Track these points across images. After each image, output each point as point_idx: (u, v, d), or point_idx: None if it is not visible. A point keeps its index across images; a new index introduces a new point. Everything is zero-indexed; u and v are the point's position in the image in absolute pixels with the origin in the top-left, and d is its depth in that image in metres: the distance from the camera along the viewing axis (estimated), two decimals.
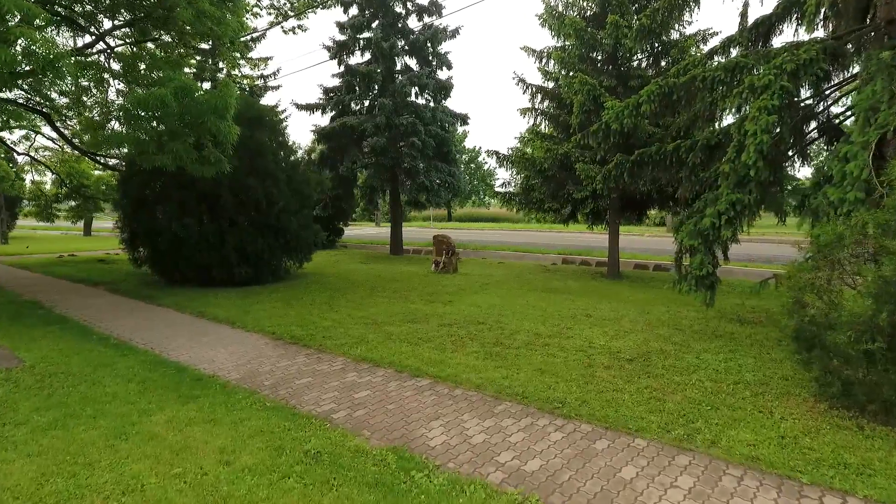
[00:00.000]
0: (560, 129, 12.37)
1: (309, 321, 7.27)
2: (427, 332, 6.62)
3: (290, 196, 10.68)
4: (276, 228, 10.43)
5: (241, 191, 9.91)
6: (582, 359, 5.55)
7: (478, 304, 8.59)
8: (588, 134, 8.06)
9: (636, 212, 13.32)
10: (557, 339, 6.36)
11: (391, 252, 17.68)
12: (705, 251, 6.47)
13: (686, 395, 4.53)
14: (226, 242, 9.89)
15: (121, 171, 11.01)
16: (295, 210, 10.87)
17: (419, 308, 8.21)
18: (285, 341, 6.34)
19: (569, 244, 20.39)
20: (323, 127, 16.02)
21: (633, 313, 7.90)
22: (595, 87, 10.12)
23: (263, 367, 5.35)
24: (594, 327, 6.97)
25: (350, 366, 5.37)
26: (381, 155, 15.43)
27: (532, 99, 12.32)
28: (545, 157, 11.09)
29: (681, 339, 6.39)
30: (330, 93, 17.37)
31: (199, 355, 5.75)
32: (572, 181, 11.22)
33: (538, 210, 12.78)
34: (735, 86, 6.75)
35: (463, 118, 17.33)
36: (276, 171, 10.27)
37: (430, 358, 5.52)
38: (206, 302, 8.70)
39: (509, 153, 12.68)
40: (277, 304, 8.52)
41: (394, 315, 7.70)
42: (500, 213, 55.73)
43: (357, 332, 6.63)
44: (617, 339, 6.34)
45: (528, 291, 9.94)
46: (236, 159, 9.80)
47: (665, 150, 7.87)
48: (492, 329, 6.82)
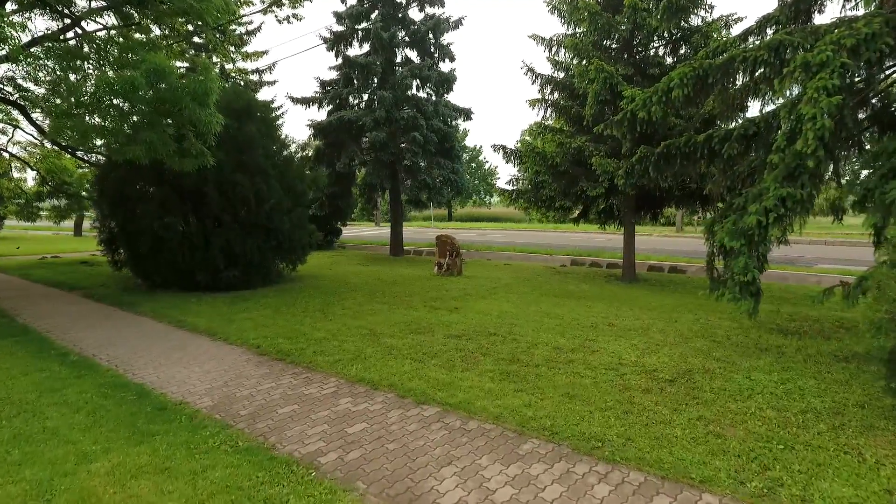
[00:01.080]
0: (571, 122, 11.58)
1: (299, 332, 6.47)
2: (432, 346, 5.82)
3: (283, 193, 9.88)
4: (266, 228, 9.64)
5: (228, 187, 9.12)
6: (614, 379, 4.76)
7: (487, 311, 7.80)
8: (610, 124, 7.28)
9: (651, 211, 12.54)
10: (581, 353, 5.57)
11: (391, 253, 16.89)
12: (749, 253, 5.67)
13: (749, 428, 3.74)
14: (211, 244, 9.10)
15: (99, 166, 10.21)
16: (287, 208, 10.08)
17: (422, 316, 7.42)
18: (271, 357, 5.54)
19: (576, 244, 19.60)
20: (319, 121, 15.22)
21: (659, 322, 7.11)
22: (612, 75, 9.33)
23: (242, 390, 4.55)
24: (620, 339, 6.18)
25: (344, 388, 4.58)
26: (380, 150, 14.64)
27: (542, 90, 11.53)
28: (557, 151, 10.30)
29: (722, 353, 5.60)
30: (327, 86, 16.57)
31: (169, 375, 4.95)
32: (586, 177, 10.43)
33: (548, 209, 11.99)
34: (781, 66, 5.96)
35: (466, 113, 16.53)
36: (266, 166, 9.48)
37: (436, 379, 4.73)
38: (188, 309, 7.90)
39: (517, 148, 11.90)
40: (266, 312, 7.72)
41: (394, 324, 6.91)
42: (500, 212, 54.95)
43: (353, 346, 5.84)
44: (649, 354, 5.55)
45: (541, 296, 9.15)
46: (223, 153, 9.01)
47: (695, 140, 7.08)
48: (505, 342, 6.03)
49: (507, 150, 11.80)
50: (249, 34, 23.09)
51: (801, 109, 5.18)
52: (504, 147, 11.82)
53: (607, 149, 10.32)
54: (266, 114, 9.91)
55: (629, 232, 11.31)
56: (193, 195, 9.16)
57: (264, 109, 9.92)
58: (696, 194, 10.28)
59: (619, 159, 9.67)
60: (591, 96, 9.70)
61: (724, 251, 6.97)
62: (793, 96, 5.77)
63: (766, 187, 5.62)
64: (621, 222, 12.57)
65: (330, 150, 15.36)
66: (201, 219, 9.17)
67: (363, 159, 15.15)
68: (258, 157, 9.38)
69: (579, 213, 12.90)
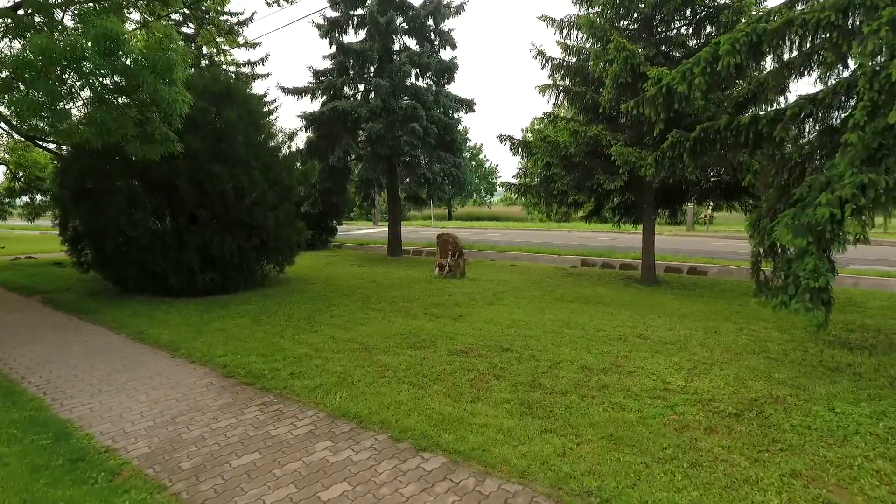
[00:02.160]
0: (585, 110, 10.57)
1: (278, 347, 5.48)
2: (435, 365, 4.84)
3: (267, 187, 8.89)
4: (248, 226, 8.64)
5: (205, 180, 8.12)
6: (664, 412, 3.78)
7: (496, 319, 6.81)
8: (641, 101, 6.29)
9: (670, 207, 11.57)
10: (615, 375, 4.59)
11: (389, 253, 15.89)
12: (818, 253, 4.69)
13: (865, 491, 2.76)
14: (185, 243, 8.11)
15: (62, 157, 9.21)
16: (273, 204, 9.08)
17: (423, 326, 6.43)
18: (238, 381, 4.55)
19: (583, 244, 18.61)
20: (311, 112, 14.22)
21: (698, 333, 6.13)
22: (634, 54, 8.35)
23: (192, 429, 3.57)
24: (657, 355, 5.20)
25: (323, 426, 3.59)
26: (377, 143, 13.63)
27: (552, 74, 10.54)
28: (571, 140, 9.31)
29: (786, 375, 4.62)
30: (320, 76, 15.56)
31: (106, 407, 3.96)
32: (602, 169, 9.44)
33: (560, 204, 11.00)
34: (851, 29, 4.99)
35: (468, 104, 15.52)
36: (248, 156, 8.48)
37: (440, 413, 3.74)
38: (154, 318, 6.90)
39: (525, 138, 10.92)
40: (243, 322, 6.73)
41: (390, 336, 5.92)
42: (501, 211, 53.95)
43: (339, 366, 4.84)
44: (698, 376, 4.57)
45: (555, 302, 8.16)
46: (198, 141, 8.03)
47: (739, 123, 6.09)
48: (522, 359, 5.04)
49: (514, 140, 10.82)
50: (241, 24, 22.21)
51: (891, 73, 4.20)
52: (511, 137, 10.84)
53: (626, 138, 9.33)
54: (248, 99, 8.91)
55: (648, 230, 10.32)
56: (166, 189, 8.16)
57: (246, 94, 8.93)
58: (726, 187, 9.30)
59: (640, 149, 8.67)
60: (610, 79, 8.72)
61: (773, 251, 6.03)
62: (870, 66, 4.79)
63: (839, 174, 4.64)
64: (637, 219, 11.61)
65: (323, 142, 14.36)
66: (175, 215, 8.18)
67: (359, 153, 14.15)
68: (238, 146, 8.38)
69: (592, 210, 11.92)
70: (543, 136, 9.29)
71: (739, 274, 11.38)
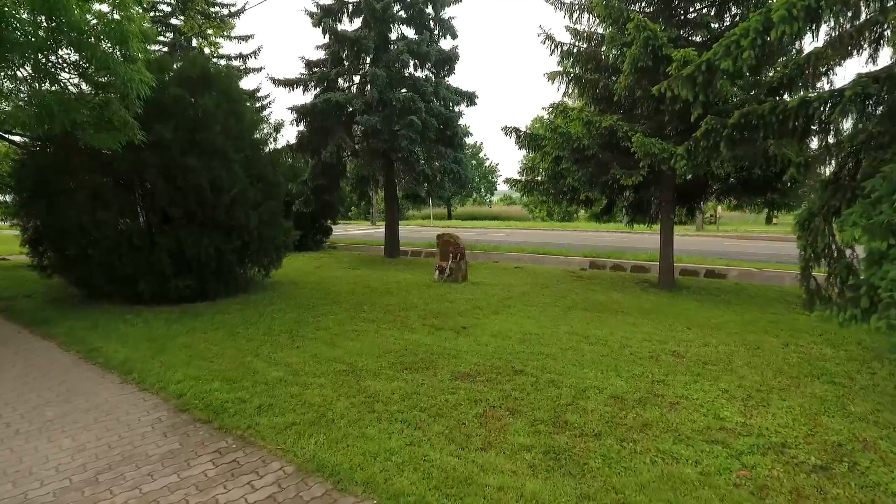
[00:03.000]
0: (597, 100, 9.70)
1: (249, 369, 4.63)
2: (434, 395, 3.99)
3: (249, 183, 8.04)
4: (227, 226, 7.79)
5: (179, 174, 7.28)
6: (729, 465, 2.94)
7: (504, 332, 5.97)
8: (678, 80, 5.43)
9: (689, 204, 10.73)
10: (655, 407, 3.75)
11: (386, 254, 15.04)
12: None
13: None
14: (156, 244, 7.25)
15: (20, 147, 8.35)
16: (256, 202, 8.23)
17: (421, 341, 5.58)
18: (193, 416, 3.70)
19: (589, 244, 17.77)
20: (303, 104, 13.36)
21: (739, 350, 5.29)
22: (656, 35, 7.51)
23: (116, 494, 2.72)
24: (700, 379, 4.36)
25: (289, 489, 2.75)
26: (373, 138, 12.78)
27: (562, 61, 9.69)
28: (584, 131, 8.46)
29: (864, 408, 3.78)
30: (313, 67, 14.71)
31: (15, 458, 3.12)
32: (618, 163, 8.59)
33: (571, 202, 10.16)
34: None
35: (470, 97, 14.67)
36: (227, 148, 7.63)
37: (443, 467, 2.90)
38: (113, 331, 6.05)
39: (532, 130, 10.08)
40: (216, 335, 5.88)
41: (382, 354, 5.08)
42: (501, 210, 53.17)
43: (319, 395, 4.00)
44: (757, 409, 3.73)
45: (568, 310, 7.32)
46: (170, 131, 7.18)
47: (786, 107, 5.25)
48: (539, 385, 4.20)
49: (520, 132, 9.98)
50: (232, 16, 21.34)
51: None
52: (517, 129, 10.00)
53: (644, 129, 8.48)
54: (228, 86, 8.05)
55: (666, 230, 9.48)
56: (135, 184, 7.31)
57: (226, 80, 8.06)
58: (753, 181, 8.45)
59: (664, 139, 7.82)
60: (628, 63, 7.89)
61: (828, 255, 5.20)
62: None
63: None
64: (652, 219, 10.79)
65: (315, 136, 13.50)
66: (144, 213, 7.33)
67: (353, 148, 13.29)
68: (216, 136, 7.52)
69: (603, 208, 11.09)
70: (554, 127, 8.44)
71: (762, 277, 10.55)
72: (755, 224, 26.24)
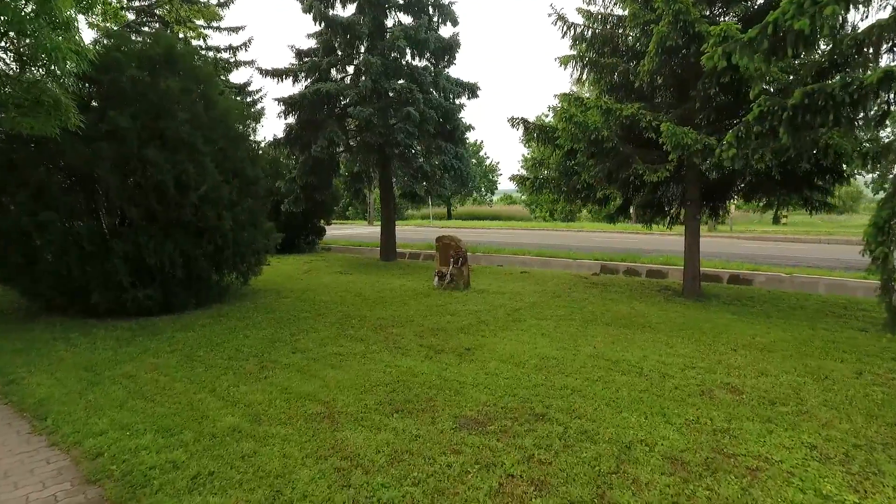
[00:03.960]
0: (613, 89, 8.70)
1: (196, 413, 3.65)
2: (433, 455, 3.01)
3: (223, 180, 7.06)
4: (197, 228, 6.81)
5: (139, 169, 6.29)
6: None
7: (516, 355, 4.99)
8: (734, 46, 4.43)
9: (711, 203, 9.74)
10: (731, 478, 2.77)
11: (382, 257, 14.05)
12: None
13: None
14: (111, 249, 6.27)
15: None
16: (231, 201, 7.25)
17: (416, 369, 4.60)
18: (102, 493, 2.72)
19: (596, 245, 16.81)
20: (291, 95, 12.36)
21: (807, 382, 4.30)
22: (687, 8, 6.53)
23: None
24: (776, 428, 3.38)
25: None
26: (366, 131, 11.79)
27: (576, 44, 8.71)
28: (603, 121, 7.47)
29: None
30: (304, 56, 13.71)
31: None
32: (641, 157, 7.61)
33: (585, 200, 9.18)
34: None
35: (471, 88, 13.67)
36: (194, 139, 6.63)
37: None
38: (46, 355, 5.06)
39: (541, 122, 9.10)
40: (169, 360, 4.90)
41: (368, 389, 4.10)
42: (502, 210, 52.12)
43: (278, 457, 3.01)
44: (870, 481, 2.76)
45: (587, 325, 6.34)
46: (128, 118, 6.20)
47: (863, 83, 4.27)
48: (568, 438, 3.22)
49: (528, 124, 8.99)
50: (221, 5, 20.32)
51: None
52: (525, 120, 9.01)
53: (671, 117, 7.50)
54: (197, 67, 7.05)
55: (692, 231, 8.50)
56: (85, 180, 6.33)
57: (195, 61, 7.06)
58: (796, 176, 7.47)
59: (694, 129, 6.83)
60: (655, 42, 6.92)
61: None
62: None
63: None
64: (673, 218, 9.81)
65: (304, 130, 12.51)
66: (97, 213, 6.35)
67: (346, 143, 12.27)
68: (182, 126, 6.53)
69: (618, 208, 10.09)
70: (569, 116, 7.45)
71: (793, 284, 9.57)
72: (760, 224, 25.27)
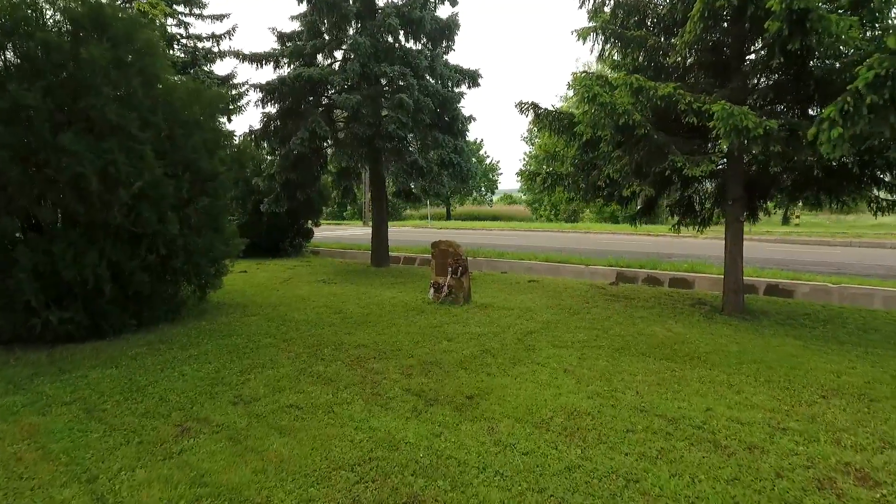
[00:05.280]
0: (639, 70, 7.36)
1: None
2: None
3: (166, 173, 5.72)
4: (132, 233, 5.47)
5: (52, 158, 4.95)
6: None
7: (536, 409, 3.66)
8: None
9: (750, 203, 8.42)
10: None
11: (373, 262, 12.71)
12: None
13: None
14: (15, 262, 4.93)
15: None
16: (181, 199, 5.92)
17: (397, 436, 3.27)
18: None
19: (606, 249, 15.49)
20: (269, 81, 11.02)
21: None
22: None
23: None
24: None
25: None
26: (354, 121, 10.45)
27: (596, 14, 7.38)
28: (635, 102, 6.14)
29: None
30: (287, 40, 12.37)
31: None
32: (678, 146, 6.27)
33: (609, 199, 7.84)
34: None
35: (472, 76, 12.32)
36: (127, 123, 5.29)
37: None
38: None
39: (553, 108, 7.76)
40: (59, 419, 3.55)
41: (324, 476, 2.77)
42: (502, 210, 50.82)
43: None
44: None
45: (619, 355, 5.01)
46: (38, 95, 4.86)
47: None
48: None
49: (539, 109, 7.66)
50: None
51: None
52: (535, 106, 7.68)
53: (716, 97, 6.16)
54: (134, 31, 5.68)
55: (735, 235, 7.18)
56: None
57: (132, 27, 5.70)
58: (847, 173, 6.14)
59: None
60: (700, 5, 5.58)
61: None
62: None
63: None
64: (705, 219, 8.49)
65: (284, 121, 11.17)
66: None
67: (331, 134, 10.90)
68: (109, 105, 5.18)
69: (642, 208, 8.78)
70: (592, 96, 6.11)
71: (842, 296, 8.26)
72: (768, 225, 23.86)
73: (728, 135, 5.19)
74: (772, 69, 6.02)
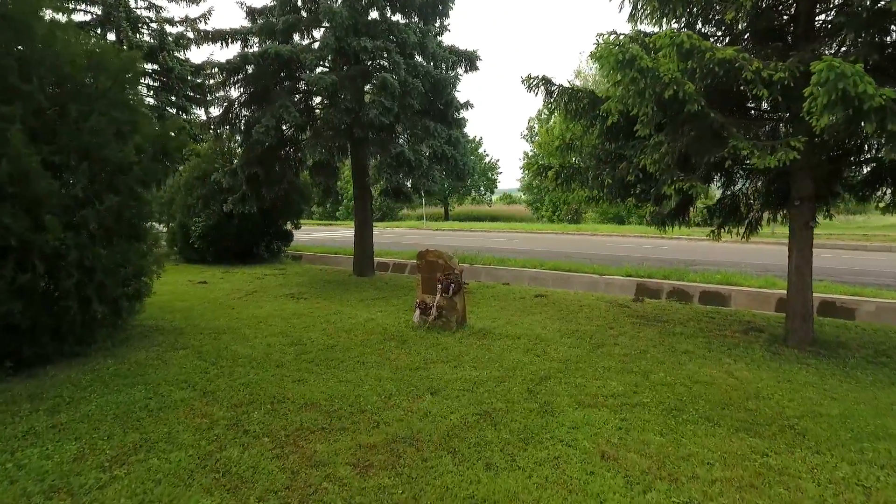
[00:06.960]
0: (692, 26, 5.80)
1: None
2: None
3: (48, 163, 4.15)
4: None
5: None
6: None
7: None
8: None
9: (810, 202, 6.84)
10: None
11: (355, 271, 11.11)
12: None
13: None
14: None
15: None
16: (72, 198, 4.35)
17: None
18: None
19: (618, 254, 13.94)
20: (229, 59, 9.43)
21: None
22: None
23: None
24: None
25: None
26: (330, 106, 8.87)
27: None
28: (685, 69, 4.57)
29: None
30: (257, 16, 10.78)
31: None
32: (741, 128, 4.71)
33: (640, 199, 6.27)
34: None
35: (469, 58, 10.75)
36: None
37: None
38: None
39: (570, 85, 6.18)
40: None
41: None
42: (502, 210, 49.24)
43: None
44: None
45: (676, 421, 3.46)
46: None
47: None
48: None
49: (552, 85, 6.09)
50: None
51: None
52: (547, 81, 6.10)
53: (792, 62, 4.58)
54: None
55: (802, 242, 5.61)
56: None
57: None
58: None
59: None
60: None
61: None
62: None
63: None
64: (753, 224, 6.94)
65: (250, 107, 9.58)
66: None
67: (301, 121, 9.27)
68: None
69: (674, 209, 7.19)
70: (628, 60, 4.53)
71: None
72: (778, 227, 22.34)
73: (832, 106, 3.63)
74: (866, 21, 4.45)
